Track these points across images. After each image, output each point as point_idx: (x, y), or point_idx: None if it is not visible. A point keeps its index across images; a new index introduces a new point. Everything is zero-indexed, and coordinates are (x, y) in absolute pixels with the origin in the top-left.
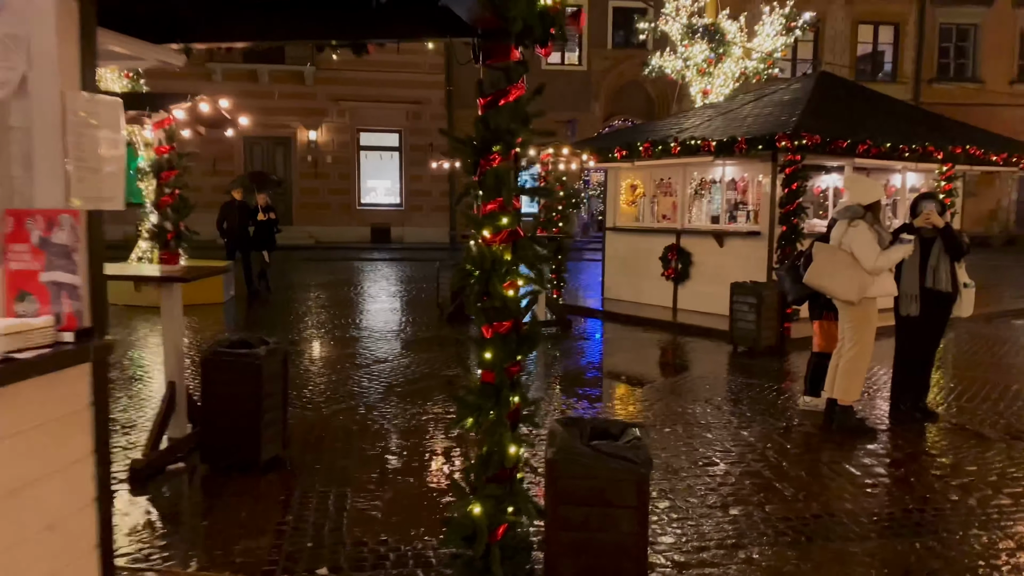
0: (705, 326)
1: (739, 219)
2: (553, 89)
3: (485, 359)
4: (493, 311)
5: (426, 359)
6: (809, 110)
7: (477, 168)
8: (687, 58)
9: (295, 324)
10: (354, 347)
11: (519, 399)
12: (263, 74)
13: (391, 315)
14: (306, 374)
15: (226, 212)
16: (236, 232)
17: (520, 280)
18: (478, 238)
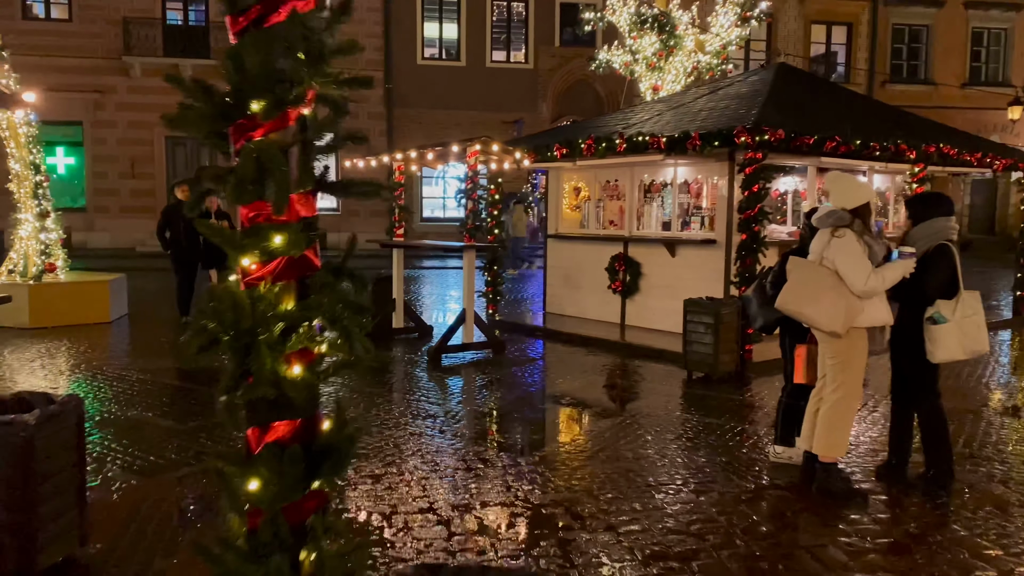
0: (656, 347)
1: (693, 226)
2: (498, 88)
3: (250, 492)
4: (263, 407)
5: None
6: (770, 103)
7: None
8: (636, 51)
9: None
10: None
11: (320, 562)
12: (186, 69)
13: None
14: (162, 423)
15: (169, 216)
16: (182, 242)
17: (317, 345)
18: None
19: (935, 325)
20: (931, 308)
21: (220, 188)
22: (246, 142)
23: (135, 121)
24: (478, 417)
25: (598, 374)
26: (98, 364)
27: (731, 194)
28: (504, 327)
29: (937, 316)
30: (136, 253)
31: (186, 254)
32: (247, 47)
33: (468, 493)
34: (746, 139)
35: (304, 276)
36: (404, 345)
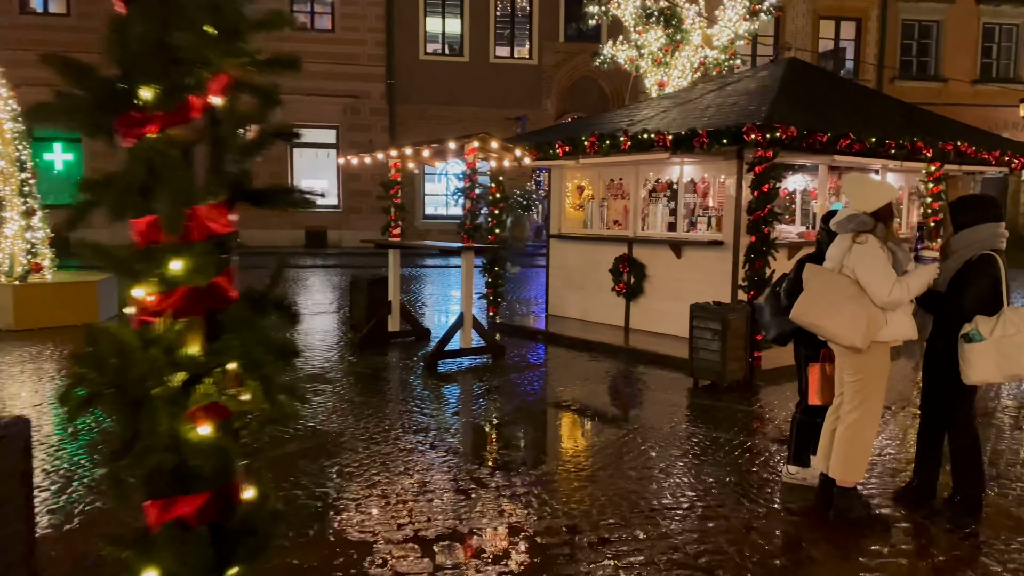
0: (661, 352)
1: (699, 226)
2: (501, 84)
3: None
4: (161, 478)
5: (306, 409)
6: (781, 99)
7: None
8: (641, 46)
9: None
10: None
11: None
12: None
13: (291, 336)
14: None
15: None
16: None
17: (230, 399)
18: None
19: (969, 344)
20: (968, 324)
21: (101, 199)
22: (136, 140)
23: None
24: (472, 430)
25: (600, 382)
26: None
27: (739, 194)
28: (504, 330)
29: (973, 334)
30: None
31: None
32: (134, 17)
33: (457, 518)
34: (756, 137)
35: (214, 310)
36: (400, 349)
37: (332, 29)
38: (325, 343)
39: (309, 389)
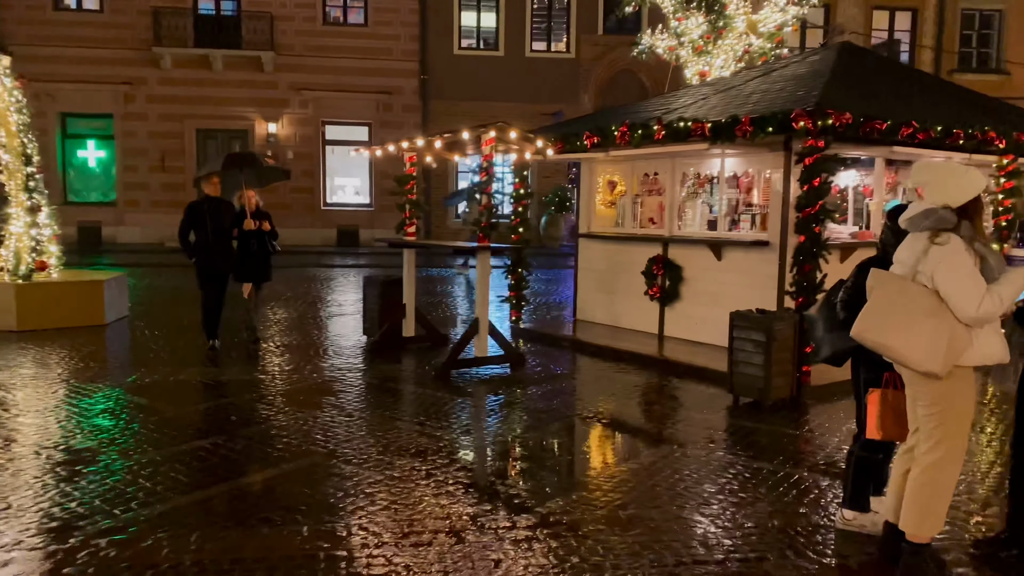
0: (698, 364)
1: (742, 225)
2: (538, 78)
3: None
4: None
5: (301, 424)
6: (834, 84)
7: None
8: (681, 34)
9: (180, 357)
10: (219, 398)
11: None
12: (216, 60)
13: (304, 340)
14: (139, 462)
15: (194, 217)
16: (211, 248)
17: None
18: None
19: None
20: None
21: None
22: None
23: (165, 113)
24: (477, 455)
25: (628, 398)
26: (76, 379)
27: (787, 189)
28: (528, 336)
29: None
30: (164, 248)
31: (215, 263)
32: None
33: (444, 573)
34: (806, 124)
35: None
36: (413, 356)
37: (365, 23)
38: (336, 348)
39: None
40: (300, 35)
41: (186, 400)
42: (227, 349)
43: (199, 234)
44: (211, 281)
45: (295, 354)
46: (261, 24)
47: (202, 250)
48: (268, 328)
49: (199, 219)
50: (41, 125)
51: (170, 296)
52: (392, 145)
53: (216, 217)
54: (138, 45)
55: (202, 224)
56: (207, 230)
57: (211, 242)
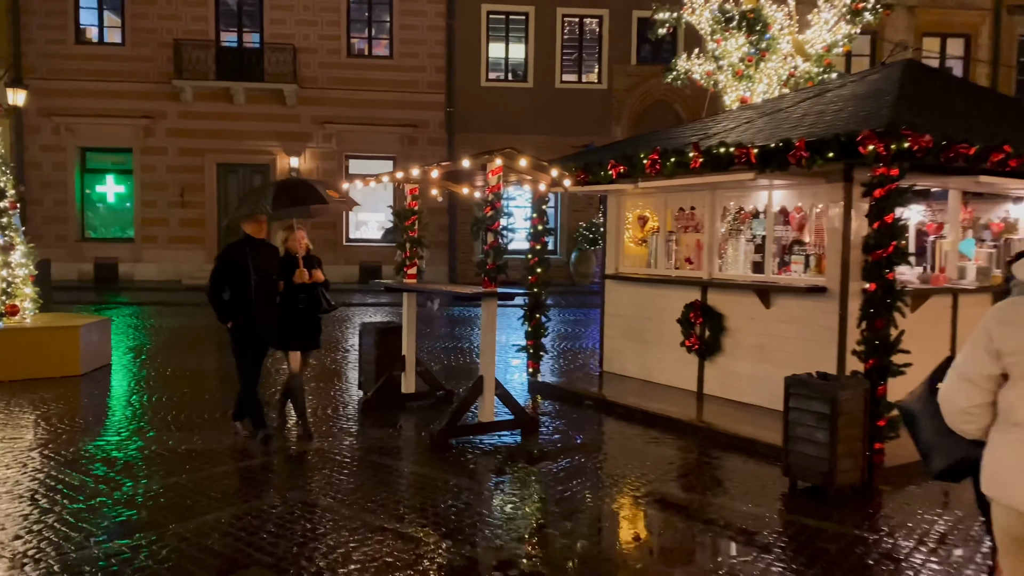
0: (745, 435)
1: (793, 267)
2: (568, 110)
3: None
4: None
5: (251, 522)
6: (903, 104)
7: None
8: (720, 56)
9: (151, 418)
10: (165, 475)
11: None
12: (238, 93)
13: None
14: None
15: (233, 266)
16: (254, 307)
17: None
18: None
19: None
20: None
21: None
22: None
23: (186, 147)
24: (463, 565)
25: (662, 480)
26: (30, 449)
27: (847, 225)
28: (547, 392)
29: None
30: (181, 286)
31: (262, 327)
32: None
33: None
34: (876, 148)
35: None
36: (411, 418)
37: (390, 55)
38: (325, 407)
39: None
40: (324, 68)
41: (120, 480)
42: (197, 411)
43: (239, 289)
44: (250, 345)
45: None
46: (284, 56)
47: (243, 310)
48: None
49: (240, 269)
50: (60, 160)
51: (173, 340)
52: (386, 176)
53: (262, 266)
54: (159, 78)
55: (244, 276)
56: (250, 284)
57: (256, 299)
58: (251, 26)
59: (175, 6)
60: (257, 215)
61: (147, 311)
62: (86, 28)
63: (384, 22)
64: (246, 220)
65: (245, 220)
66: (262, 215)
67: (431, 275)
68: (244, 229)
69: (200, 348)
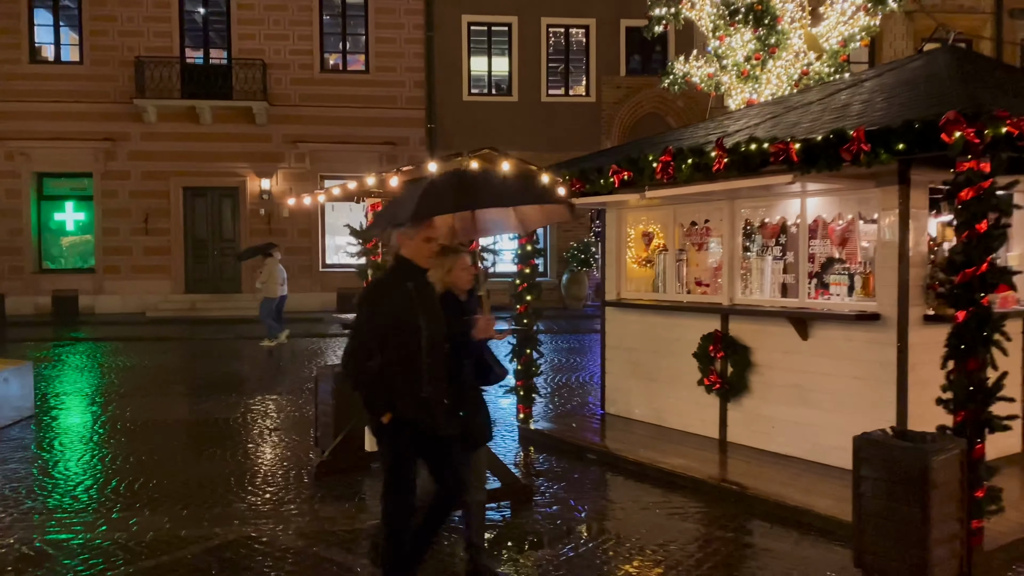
0: (790, 502)
1: (833, 290)
2: (555, 124)
3: None
4: None
5: None
6: (972, 84)
7: None
8: (723, 55)
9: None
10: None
11: None
12: (204, 112)
13: (228, 454)
14: None
15: (387, 316)
16: (423, 381)
17: None
18: None
19: None
20: None
21: None
22: None
23: (149, 171)
24: None
25: (694, 572)
26: None
27: (904, 238)
28: (540, 443)
29: None
30: (145, 319)
31: (435, 413)
32: None
33: None
34: (965, 135)
35: None
36: (377, 483)
37: (366, 70)
38: (269, 471)
39: None
40: (296, 84)
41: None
42: (160, 483)
43: (402, 356)
44: (423, 451)
45: (205, 488)
46: (253, 73)
47: (409, 390)
48: (193, 424)
49: (402, 322)
50: (14, 187)
51: (132, 381)
52: (337, 188)
53: (432, 315)
54: (120, 98)
55: (409, 332)
56: (420, 345)
57: (428, 371)
58: (218, 42)
59: (136, 22)
60: (426, 228)
61: (106, 347)
62: (41, 46)
63: (359, 35)
64: (410, 233)
65: (402, 232)
66: (428, 230)
67: None
68: (401, 252)
69: (164, 391)
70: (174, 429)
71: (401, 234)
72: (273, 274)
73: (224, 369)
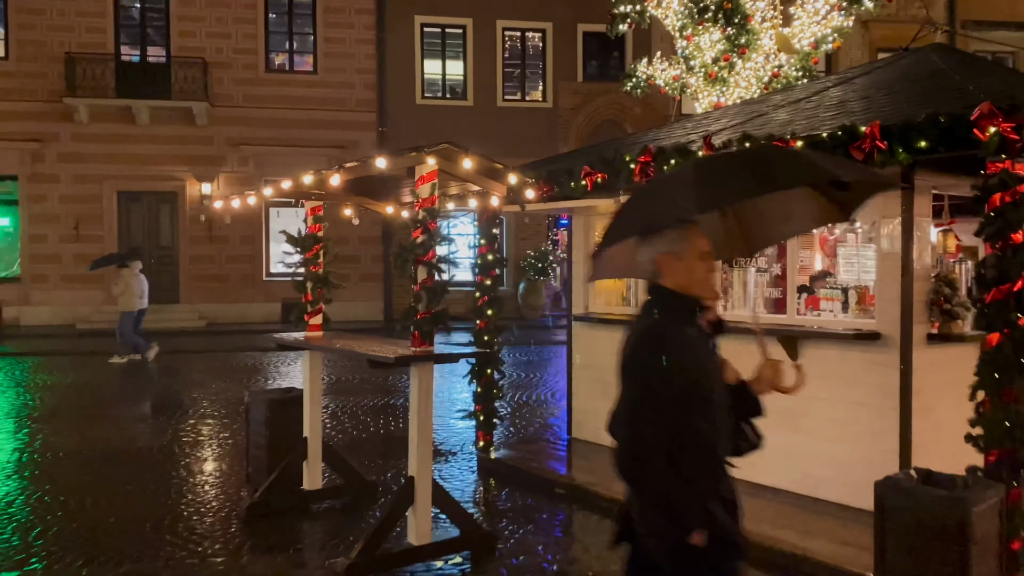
0: (785, 548)
1: (825, 305)
2: (511, 130)
3: None
4: None
5: None
6: (992, 78)
7: None
8: (690, 56)
9: None
10: None
11: None
12: (141, 112)
13: (146, 495)
14: None
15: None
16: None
17: None
18: None
19: None
20: None
21: None
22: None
23: (81, 174)
24: None
25: None
26: None
27: (908, 249)
28: (502, 474)
29: None
30: (76, 332)
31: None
32: None
33: None
34: (1003, 129)
35: None
36: (317, 529)
37: (314, 71)
38: (198, 513)
39: None
40: (239, 84)
41: None
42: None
43: (690, 435)
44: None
45: (115, 537)
46: (193, 72)
47: (712, 485)
48: (85, 477)
49: (698, 386)
50: None
51: (61, 402)
52: (269, 188)
53: (716, 372)
54: (49, 96)
55: (705, 401)
56: (714, 415)
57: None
58: (156, 39)
59: (68, 16)
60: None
61: (28, 363)
62: None
63: (307, 35)
64: (677, 248)
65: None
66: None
67: (367, 311)
68: (663, 280)
69: (86, 414)
70: (90, 461)
71: (665, 253)
72: (130, 286)
73: (156, 387)
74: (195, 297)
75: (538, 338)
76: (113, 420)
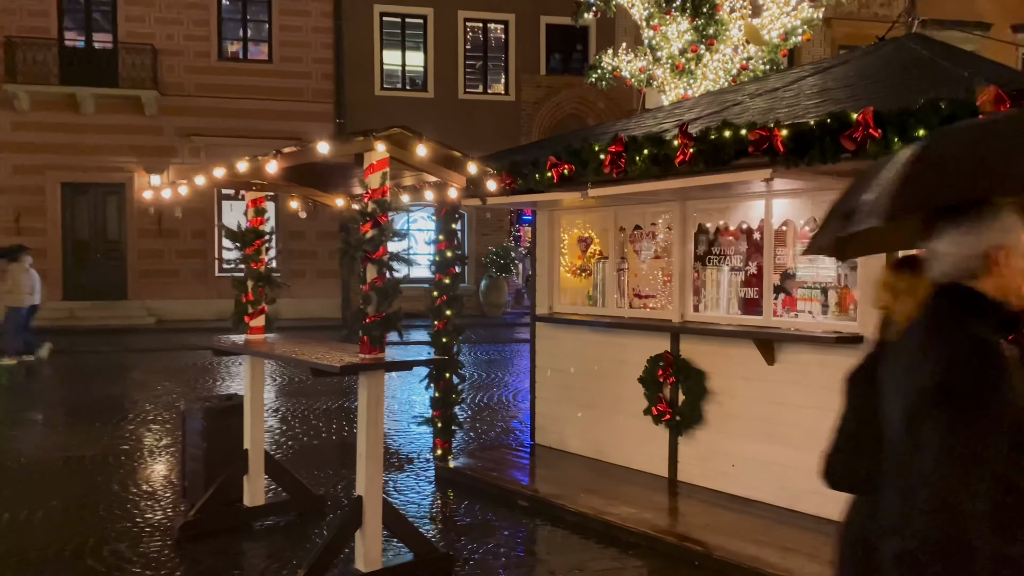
0: (766, 569)
1: (803, 306)
2: (473, 123)
3: None
4: None
5: None
6: (988, 64)
7: None
8: (656, 47)
9: None
10: None
11: None
12: (87, 100)
13: (87, 498)
14: None
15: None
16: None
17: None
18: None
19: None
20: None
21: None
22: None
23: (22, 165)
24: None
25: None
26: None
27: None
28: (461, 486)
29: None
30: None
31: None
32: None
33: None
34: None
35: None
36: (259, 550)
37: (269, 59)
38: (128, 533)
39: None
40: (190, 72)
41: None
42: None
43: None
44: None
45: (31, 567)
46: (142, 59)
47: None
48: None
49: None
50: None
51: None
52: (202, 177)
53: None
54: None
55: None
56: None
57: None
58: (103, 24)
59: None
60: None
61: None
62: None
63: (262, 22)
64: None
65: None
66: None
67: (323, 308)
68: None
69: (15, 419)
70: (12, 473)
71: (999, 246)
72: (19, 281)
73: (97, 390)
74: (144, 293)
75: (501, 336)
76: (45, 425)
